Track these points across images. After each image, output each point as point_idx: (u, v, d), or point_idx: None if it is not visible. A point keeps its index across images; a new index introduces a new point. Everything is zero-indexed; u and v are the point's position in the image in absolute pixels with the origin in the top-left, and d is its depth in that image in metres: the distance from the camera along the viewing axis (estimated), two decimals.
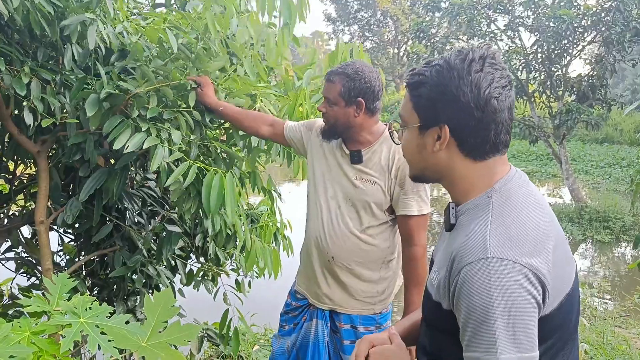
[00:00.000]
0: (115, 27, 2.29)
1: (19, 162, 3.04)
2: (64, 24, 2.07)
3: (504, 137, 1.27)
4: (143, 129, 2.26)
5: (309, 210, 2.61)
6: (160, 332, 1.53)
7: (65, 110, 2.35)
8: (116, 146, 2.21)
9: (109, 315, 1.54)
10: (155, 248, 3.10)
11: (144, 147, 2.20)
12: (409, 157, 1.40)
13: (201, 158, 2.67)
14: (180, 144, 2.38)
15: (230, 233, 2.93)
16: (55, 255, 3.18)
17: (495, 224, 1.20)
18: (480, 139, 1.25)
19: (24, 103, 2.36)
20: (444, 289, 1.25)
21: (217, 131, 3.00)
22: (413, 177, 1.44)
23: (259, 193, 3.06)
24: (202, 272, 3.47)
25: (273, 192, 3.27)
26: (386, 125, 2.52)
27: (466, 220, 1.28)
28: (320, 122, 2.62)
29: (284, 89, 2.97)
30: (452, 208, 1.33)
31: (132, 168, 2.92)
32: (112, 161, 2.77)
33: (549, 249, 1.19)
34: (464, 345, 1.19)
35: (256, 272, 3.42)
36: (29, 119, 2.29)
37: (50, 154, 2.84)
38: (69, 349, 1.40)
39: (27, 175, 3.18)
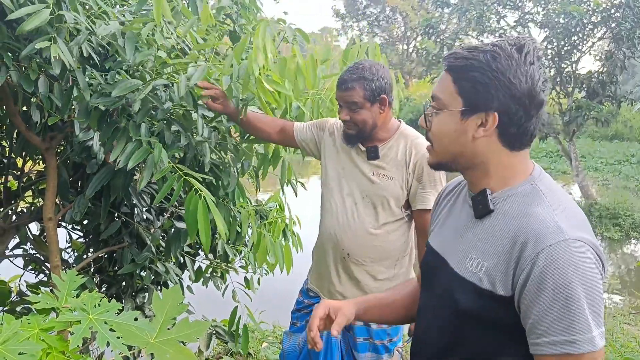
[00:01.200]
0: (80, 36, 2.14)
1: (28, 158, 3.05)
2: (23, 54, 1.99)
3: (537, 130, 1.29)
4: (134, 139, 2.21)
5: (324, 208, 2.62)
6: (169, 328, 1.52)
7: (72, 107, 2.35)
8: (112, 157, 2.19)
9: (118, 312, 1.54)
10: (164, 245, 3.10)
11: (130, 165, 2.14)
12: (441, 142, 1.35)
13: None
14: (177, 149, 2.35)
15: (239, 230, 2.92)
16: (63, 252, 3.19)
17: (557, 207, 1.22)
18: (522, 130, 1.26)
19: (32, 100, 2.35)
20: (503, 275, 1.23)
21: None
22: (436, 165, 1.40)
23: (263, 179, 2.97)
24: (210, 269, 3.47)
25: (292, 182, 3.19)
26: (399, 121, 2.53)
27: (512, 205, 1.28)
28: (332, 121, 2.63)
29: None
30: (489, 194, 1.31)
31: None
32: None
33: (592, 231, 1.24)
34: (540, 331, 1.17)
35: (265, 269, 3.41)
36: (35, 115, 2.28)
37: (59, 150, 2.84)
38: (78, 345, 1.40)
39: (35, 172, 3.19)
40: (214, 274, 3.51)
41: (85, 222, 3.02)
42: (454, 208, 1.49)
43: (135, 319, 1.51)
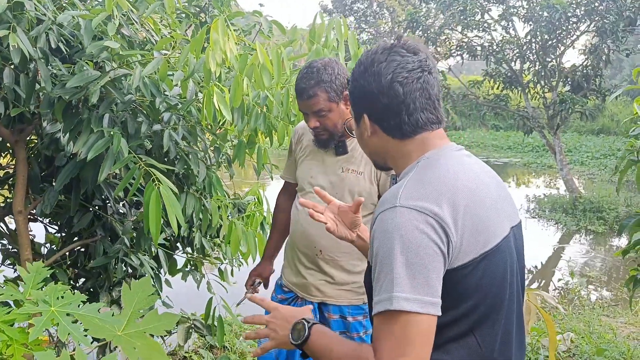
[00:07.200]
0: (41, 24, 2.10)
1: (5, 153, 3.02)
2: None
3: (424, 116, 1.37)
4: (95, 130, 2.18)
5: (295, 206, 2.61)
6: (137, 321, 1.51)
7: (40, 99, 2.32)
8: (75, 149, 2.17)
9: (82, 303, 1.52)
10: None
11: (90, 156, 2.12)
12: (360, 145, 1.55)
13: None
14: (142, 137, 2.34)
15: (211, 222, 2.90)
16: (43, 247, 3.17)
17: (412, 179, 1.32)
18: (395, 121, 1.38)
19: None
20: (370, 245, 1.35)
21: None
22: (374, 164, 1.58)
23: (241, 166, 2.94)
24: (189, 264, 3.45)
25: (267, 167, 3.15)
26: None
27: None
28: (296, 128, 2.67)
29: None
30: (393, 178, 1.48)
31: None
32: None
33: (460, 202, 1.28)
34: (374, 292, 1.26)
35: (240, 260, 3.39)
36: (0, 107, 2.25)
37: (31, 144, 2.82)
38: (39, 337, 1.39)
39: (12, 167, 3.15)
40: (193, 268, 3.49)
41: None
42: None
43: (99, 311, 1.50)
